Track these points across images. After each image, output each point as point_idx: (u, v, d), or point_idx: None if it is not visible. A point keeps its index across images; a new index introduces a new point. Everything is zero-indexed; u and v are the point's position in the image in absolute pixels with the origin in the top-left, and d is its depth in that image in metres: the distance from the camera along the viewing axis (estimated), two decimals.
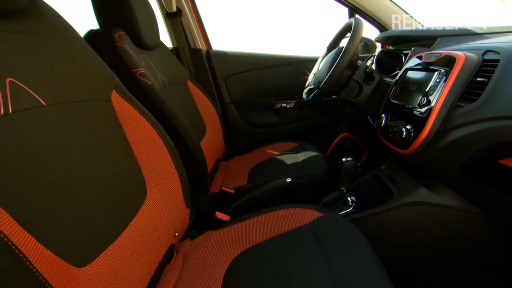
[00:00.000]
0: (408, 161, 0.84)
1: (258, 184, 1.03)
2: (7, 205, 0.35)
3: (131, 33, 0.94)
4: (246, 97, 1.64)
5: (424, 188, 0.84)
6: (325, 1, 1.41)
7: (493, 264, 0.81)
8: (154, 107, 0.87)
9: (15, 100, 0.43)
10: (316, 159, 1.22)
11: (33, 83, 0.47)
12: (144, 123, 0.68)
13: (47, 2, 0.58)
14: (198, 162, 0.98)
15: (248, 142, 1.65)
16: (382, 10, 1.36)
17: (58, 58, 0.55)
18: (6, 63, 0.44)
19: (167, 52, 1.24)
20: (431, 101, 0.73)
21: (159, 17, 1.38)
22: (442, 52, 0.78)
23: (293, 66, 1.61)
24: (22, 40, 0.49)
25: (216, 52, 1.60)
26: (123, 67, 0.85)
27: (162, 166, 0.70)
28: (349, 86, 1.07)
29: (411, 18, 1.34)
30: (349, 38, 0.97)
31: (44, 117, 0.47)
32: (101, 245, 0.49)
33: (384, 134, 0.94)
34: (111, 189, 0.55)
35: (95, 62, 0.64)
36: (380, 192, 1.01)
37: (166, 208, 0.68)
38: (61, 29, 0.58)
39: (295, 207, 0.81)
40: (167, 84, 1.09)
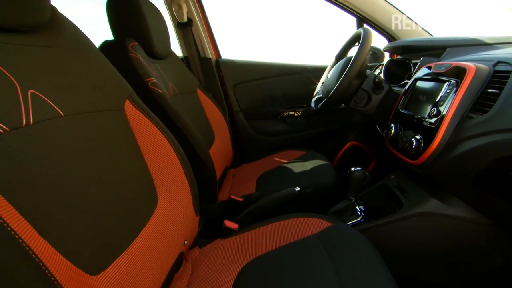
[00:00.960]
0: (418, 171, 0.83)
1: (266, 193, 1.03)
2: (28, 215, 0.37)
3: (144, 43, 0.96)
4: (255, 105, 1.66)
5: (434, 198, 0.84)
6: (334, 11, 1.42)
7: (505, 277, 0.79)
8: (165, 115, 0.89)
9: (36, 111, 0.44)
10: (324, 168, 1.22)
11: (52, 94, 0.48)
12: (156, 133, 0.69)
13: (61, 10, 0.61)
14: (207, 170, 0.98)
15: (256, 150, 1.65)
16: (390, 19, 1.36)
17: (76, 70, 0.57)
18: (29, 75, 0.45)
19: (178, 61, 1.26)
20: (441, 112, 0.73)
21: (170, 27, 1.41)
22: (452, 63, 0.78)
23: (301, 75, 1.62)
24: (43, 53, 0.50)
25: (225, 61, 1.62)
26: (136, 77, 0.87)
27: (173, 175, 0.71)
28: (357, 96, 1.07)
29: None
30: (358, 48, 0.98)
31: (61, 127, 0.48)
32: (114, 253, 0.50)
33: (393, 144, 0.93)
34: (124, 198, 0.56)
35: (110, 73, 0.66)
36: (389, 202, 1.00)
37: (176, 216, 0.69)
38: (79, 42, 0.60)
39: (304, 217, 0.81)
40: (177, 92, 1.11)
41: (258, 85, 1.63)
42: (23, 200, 0.37)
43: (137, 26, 0.95)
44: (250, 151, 1.68)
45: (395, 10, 1.35)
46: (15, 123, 0.40)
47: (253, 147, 1.67)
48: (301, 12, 2.17)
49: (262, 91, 1.64)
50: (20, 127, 0.41)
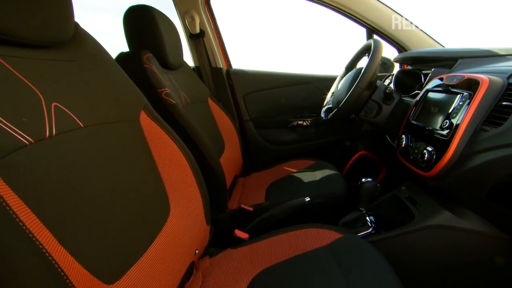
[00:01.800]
0: (430, 183, 0.83)
1: (276, 202, 1.04)
2: (51, 225, 0.38)
3: (158, 54, 0.99)
4: (264, 114, 1.67)
5: (447, 211, 0.83)
6: (344, 22, 1.44)
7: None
8: (177, 124, 0.91)
9: (59, 123, 0.46)
10: (334, 177, 1.21)
11: (73, 106, 0.50)
12: (169, 143, 0.71)
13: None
14: (218, 179, 0.99)
15: (266, 158, 1.66)
16: (400, 30, 1.37)
17: (95, 82, 0.59)
18: (52, 88, 0.47)
19: (190, 71, 1.29)
20: (454, 124, 0.73)
21: (182, 38, 1.44)
22: (464, 75, 0.78)
23: (311, 84, 1.63)
24: (65, 67, 0.53)
25: (236, 71, 1.65)
26: (150, 87, 0.89)
27: (185, 185, 0.72)
28: (368, 106, 1.07)
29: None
30: (369, 59, 0.98)
31: (81, 138, 0.50)
32: (128, 262, 0.50)
33: (404, 155, 0.93)
34: (138, 207, 0.57)
35: (127, 84, 0.68)
36: (400, 213, 0.99)
37: (188, 225, 0.69)
38: (99, 55, 0.62)
39: (314, 227, 0.81)
40: (189, 102, 1.13)
41: (268, 94, 1.65)
42: (46, 211, 0.38)
43: (152, 38, 0.98)
44: (260, 160, 1.68)
45: (404, 21, 1.36)
46: (39, 135, 0.42)
47: (262, 156, 1.68)
48: (311, 23, 2.19)
49: (272, 100, 1.65)
50: (44, 139, 0.42)
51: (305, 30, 2.47)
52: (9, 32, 0.42)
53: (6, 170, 0.35)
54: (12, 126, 0.38)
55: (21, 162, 0.38)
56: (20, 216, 0.34)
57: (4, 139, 0.36)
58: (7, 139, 0.37)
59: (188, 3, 1.42)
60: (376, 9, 1.34)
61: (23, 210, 0.35)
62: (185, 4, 1.43)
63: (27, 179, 0.38)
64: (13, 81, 0.41)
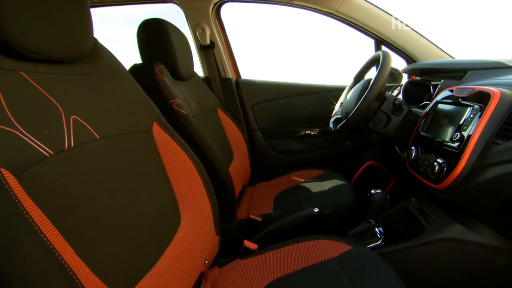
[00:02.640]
0: (441, 196, 0.82)
1: (284, 213, 1.04)
2: (67, 234, 0.39)
3: (170, 66, 1.02)
4: (273, 124, 1.68)
5: (458, 224, 0.81)
6: (351, 33, 1.45)
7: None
8: (187, 134, 0.92)
9: (77, 135, 0.47)
10: (343, 188, 1.21)
11: (90, 119, 0.52)
12: (181, 154, 0.72)
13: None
14: (227, 189, 1.00)
15: (274, 168, 1.66)
16: (409, 41, 1.38)
17: (111, 95, 0.60)
18: (71, 102, 0.49)
19: (200, 81, 1.31)
20: (464, 137, 0.73)
21: (193, 48, 1.47)
22: (475, 87, 0.78)
23: (319, 95, 1.64)
24: (83, 81, 0.55)
25: (245, 81, 1.67)
26: (162, 98, 0.91)
27: (196, 195, 0.73)
28: (377, 117, 1.07)
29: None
30: (378, 71, 0.99)
31: (97, 149, 0.51)
32: (140, 273, 0.51)
33: (414, 167, 0.92)
34: (150, 218, 0.58)
35: (140, 96, 0.70)
36: (410, 225, 0.98)
37: (198, 236, 0.70)
38: (114, 68, 0.64)
39: (324, 239, 0.81)
40: (199, 112, 1.15)
41: (276, 104, 1.66)
42: (64, 221, 0.40)
43: (165, 50, 1.00)
44: (268, 170, 1.69)
45: (412, 32, 1.36)
46: (58, 147, 0.43)
47: (270, 166, 1.69)
48: (319, 34, 2.22)
49: (280, 110, 1.66)
50: (63, 151, 0.44)
51: (313, 40, 2.50)
52: (35, 50, 0.44)
53: (29, 182, 0.37)
54: (34, 139, 0.40)
55: (42, 174, 0.39)
56: (41, 228, 0.35)
57: (27, 152, 0.38)
58: (30, 152, 0.38)
59: (199, 15, 1.46)
60: (384, 21, 1.35)
61: (44, 221, 0.36)
62: (196, 17, 1.47)
63: (47, 191, 0.39)
64: (37, 96, 0.43)
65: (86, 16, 0.56)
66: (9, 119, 0.37)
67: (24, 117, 0.39)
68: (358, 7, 1.35)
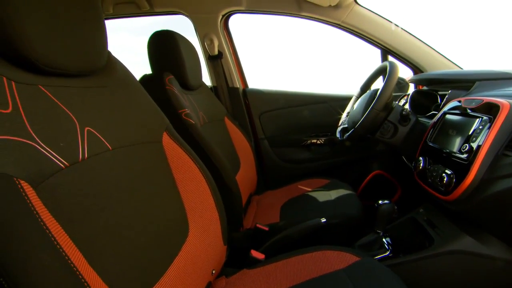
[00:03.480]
0: (450, 207, 0.81)
1: (291, 222, 1.03)
2: (80, 244, 0.40)
3: (179, 76, 1.04)
4: (279, 133, 1.69)
5: (468, 236, 0.81)
6: (357, 43, 1.46)
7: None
8: (195, 143, 0.94)
9: (90, 146, 0.49)
10: (350, 198, 1.20)
11: (103, 130, 0.53)
12: (189, 164, 0.73)
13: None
14: (234, 198, 1.01)
15: (280, 177, 1.67)
16: (415, 51, 1.38)
17: (123, 106, 0.62)
18: (86, 114, 0.51)
19: (207, 91, 1.33)
20: (473, 148, 0.72)
21: (201, 58, 1.49)
22: (483, 99, 0.78)
23: (325, 104, 1.65)
24: (97, 93, 0.56)
25: (252, 90, 1.69)
26: (171, 108, 0.93)
27: (204, 205, 0.73)
28: (384, 127, 1.07)
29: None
30: (385, 81, 0.99)
31: (109, 160, 0.52)
32: (150, 282, 0.52)
33: (422, 178, 0.92)
34: (159, 227, 0.59)
35: (151, 107, 0.72)
36: (418, 237, 0.97)
37: (206, 245, 0.70)
38: (127, 80, 0.66)
39: (331, 249, 0.80)
40: (207, 121, 1.16)
41: (283, 113, 1.68)
42: (77, 232, 0.40)
43: (174, 61, 1.03)
44: (274, 178, 1.69)
45: (418, 42, 1.37)
46: (73, 159, 0.44)
47: (277, 174, 1.69)
48: (326, 43, 2.24)
49: (287, 119, 1.68)
50: (77, 162, 0.45)
51: (320, 50, 2.52)
52: (54, 65, 0.46)
53: (45, 194, 0.38)
54: (51, 151, 0.41)
55: (57, 185, 0.40)
56: (58, 239, 0.36)
57: (44, 164, 0.39)
58: (47, 163, 0.40)
59: (207, 27, 1.49)
60: (390, 31, 1.36)
61: (59, 233, 0.37)
62: (205, 28, 1.50)
63: (62, 202, 0.40)
64: (54, 109, 0.45)
65: (102, 30, 0.58)
66: (29, 132, 0.39)
67: (42, 129, 0.41)
68: (364, 17, 1.36)
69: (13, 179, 0.33)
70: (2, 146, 0.34)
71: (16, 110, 0.38)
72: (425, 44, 1.37)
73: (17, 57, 0.41)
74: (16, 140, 0.36)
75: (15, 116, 0.38)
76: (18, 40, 0.40)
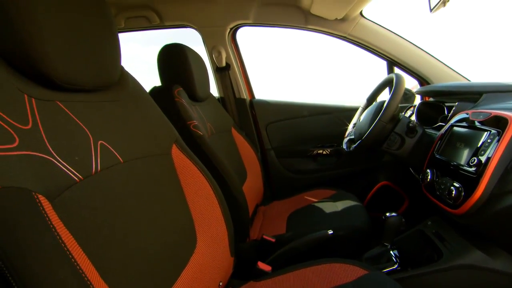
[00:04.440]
0: (459, 221, 0.81)
1: (298, 234, 1.03)
2: (93, 258, 0.40)
3: (188, 88, 1.06)
4: (286, 143, 1.70)
5: (479, 250, 0.79)
6: (363, 54, 1.47)
7: None
8: (203, 154, 0.95)
9: (103, 159, 0.50)
10: (356, 209, 1.20)
11: (115, 143, 0.54)
12: (198, 175, 0.74)
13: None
14: (240, 209, 1.01)
15: (287, 187, 1.67)
16: (421, 63, 1.39)
17: (134, 119, 0.63)
18: (99, 128, 0.52)
19: (215, 102, 1.35)
20: (482, 162, 0.72)
21: (209, 69, 1.52)
22: (491, 112, 0.78)
23: (331, 115, 1.66)
24: (110, 107, 0.58)
25: (259, 101, 1.70)
26: (179, 120, 0.95)
27: (212, 216, 0.74)
28: (391, 139, 1.07)
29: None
30: (391, 94, 1.00)
31: (120, 172, 0.53)
32: None
33: (430, 190, 0.91)
34: (168, 240, 0.59)
35: (161, 119, 0.73)
36: (426, 250, 0.96)
37: (213, 257, 0.71)
38: (138, 94, 0.68)
39: (338, 262, 0.80)
40: (214, 132, 1.18)
41: (289, 124, 1.69)
42: (90, 245, 0.41)
43: (183, 74, 1.05)
44: (281, 189, 1.69)
45: (424, 53, 1.38)
46: (87, 172, 0.46)
47: (283, 185, 1.69)
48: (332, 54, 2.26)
49: (293, 130, 1.69)
50: (90, 175, 0.46)
51: (326, 61, 2.54)
52: (71, 81, 0.47)
53: (61, 207, 0.39)
54: (66, 165, 0.42)
55: (72, 198, 0.41)
56: (73, 253, 0.36)
57: (60, 178, 0.40)
58: (63, 177, 0.41)
59: (216, 39, 1.52)
60: (396, 43, 1.38)
61: (74, 246, 0.38)
62: (213, 40, 1.53)
63: (75, 215, 0.41)
64: (70, 123, 0.46)
65: (116, 46, 0.60)
66: (47, 147, 0.40)
67: (59, 144, 0.42)
68: (370, 30, 1.38)
69: (32, 194, 0.34)
70: (23, 161, 0.35)
71: (36, 126, 0.40)
72: (431, 55, 1.38)
73: (37, 75, 0.43)
74: (35, 155, 0.37)
75: (35, 131, 0.39)
76: (39, 60, 0.41)
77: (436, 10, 0.89)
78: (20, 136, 0.37)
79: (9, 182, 0.33)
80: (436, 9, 0.89)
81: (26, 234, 0.32)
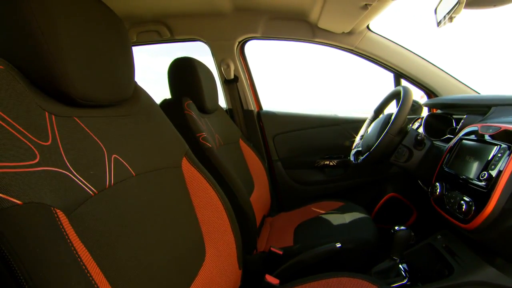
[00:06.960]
0: (470, 236, 0.79)
1: (305, 246, 1.02)
2: (108, 272, 0.41)
3: (197, 101, 1.08)
4: (293, 154, 1.70)
5: (491, 266, 0.78)
6: (370, 67, 1.48)
7: None
8: (211, 166, 0.96)
9: (116, 173, 0.51)
10: (364, 222, 1.19)
11: (127, 157, 0.55)
12: (207, 188, 0.75)
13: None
14: (248, 220, 1.01)
15: (294, 198, 1.66)
16: (428, 75, 1.39)
17: (145, 132, 0.65)
18: (113, 142, 0.53)
19: (223, 114, 1.37)
20: (493, 176, 0.72)
21: (217, 81, 1.55)
22: (501, 126, 0.78)
23: (339, 126, 1.66)
24: (123, 121, 0.59)
25: (267, 113, 1.72)
26: (189, 132, 0.96)
27: (221, 229, 0.74)
28: (398, 152, 1.07)
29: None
30: (399, 107, 1.00)
31: (132, 185, 0.54)
32: None
33: (439, 204, 0.91)
34: (177, 252, 0.59)
35: (172, 133, 0.75)
36: (436, 264, 0.94)
37: (222, 269, 0.71)
38: (150, 108, 0.70)
39: (347, 277, 0.79)
40: (222, 144, 1.19)
41: (296, 135, 1.69)
42: (104, 260, 0.42)
43: (193, 87, 1.07)
44: (288, 200, 1.69)
45: (431, 66, 1.38)
46: (101, 186, 0.47)
47: (290, 196, 1.69)
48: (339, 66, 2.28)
49: (300, 141, 1.69)
50: (104, 189, 0.47)
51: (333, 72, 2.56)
52: (89, 98, 0.49)
53: (76, 221, 0.40)
54: (82, 179, 0.43)
55: (87, 213, 0.42)
56: (88, 267, 0.37)
57: (77, 192, 0.41)
58: (79, 191, 0.42)
59: (224, 52, 1.55)
60: (403, 56, 1.39)
61: (89, 261, 0.38)
62: (221, 53, 1.56)
63: (90, 229, 0.42)
64: (86, 139, 0.48)
65: (131, 62, 0.62)
66: (64, 162, 0.41)
67: (75, 159, 0.44)
68: (377, 43, 1.39)
69: (50, 209, 0.36)
70: (42, 177, 0.37)
71: (55, 141, 0.41)
72: (438, 68, 1.38)
73: (58, 93, 0.45)
74: (54, 171, 0.39)
75: (54, 147, 0.41)
76: (60, 79, 0.43)
77: (443, 25, 0.90)
78: (40, 153, 0.38)
79: (30, 198, 0.34)
80: (443, 24, 0.90)
81: (45, 249, 0.33)
